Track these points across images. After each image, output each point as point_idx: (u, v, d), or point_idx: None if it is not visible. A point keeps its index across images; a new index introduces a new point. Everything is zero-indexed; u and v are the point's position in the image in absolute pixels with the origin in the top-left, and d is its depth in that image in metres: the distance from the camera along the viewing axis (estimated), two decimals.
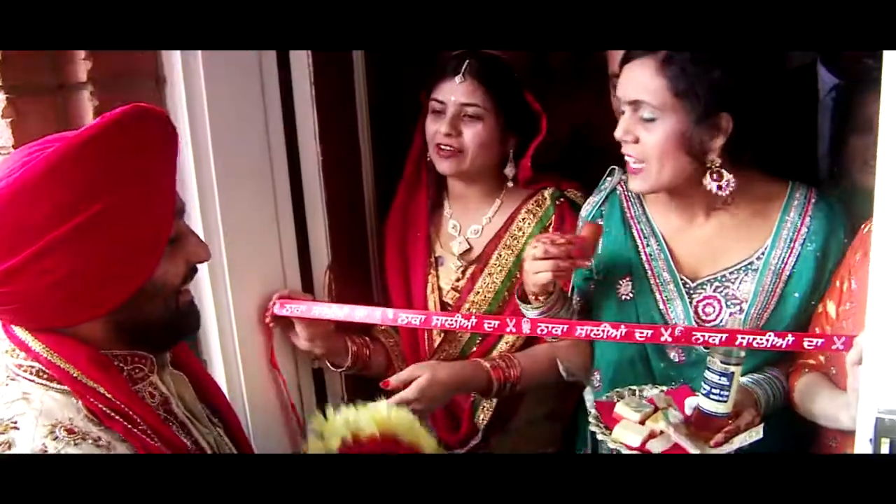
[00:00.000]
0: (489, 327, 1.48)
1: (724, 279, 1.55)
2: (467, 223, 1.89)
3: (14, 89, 1.20)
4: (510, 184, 1.84)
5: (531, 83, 1.87)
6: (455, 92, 1.74)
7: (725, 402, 1.37)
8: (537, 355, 1.78)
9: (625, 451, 1.38)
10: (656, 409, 1.45)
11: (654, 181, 1.47)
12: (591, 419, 1.46)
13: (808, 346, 1.38)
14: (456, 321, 1.48)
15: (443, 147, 1.76)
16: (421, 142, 1.86)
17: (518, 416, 1.90)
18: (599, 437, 1.41)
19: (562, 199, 1.83)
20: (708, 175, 1.44)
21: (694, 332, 1.39)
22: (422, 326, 1.73)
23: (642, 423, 1.42)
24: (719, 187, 1.45)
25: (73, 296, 0.94)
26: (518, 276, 1.78)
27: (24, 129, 1.21)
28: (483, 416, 1.85)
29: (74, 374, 0.96)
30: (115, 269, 0.94)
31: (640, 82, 1.43)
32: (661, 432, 1.38)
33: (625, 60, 1.47)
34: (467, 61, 1.74)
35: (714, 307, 1.55)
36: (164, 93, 1.43)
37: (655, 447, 1.37)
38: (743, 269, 1.54)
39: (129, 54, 1.34)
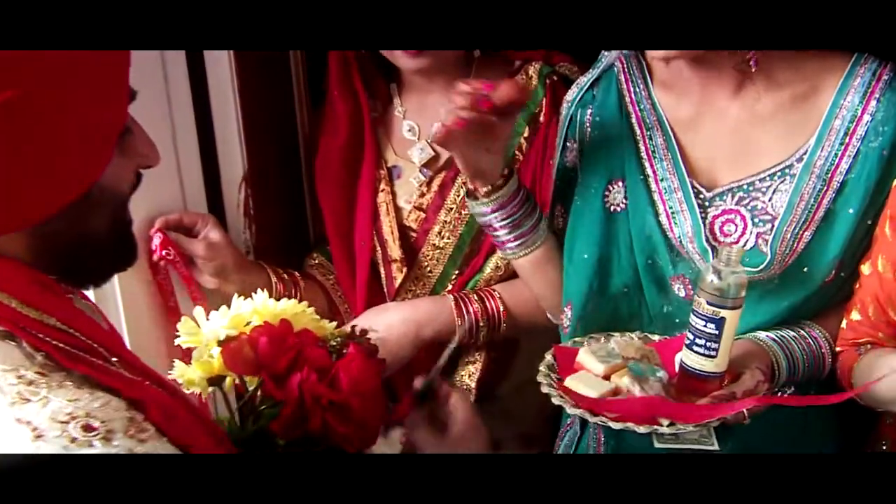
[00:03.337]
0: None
1: (751, 188, 1.23)
2: (428, 122, 1.49)
3: None
4: (477, 52, 1.47)
5: None
6: None
7: (713, 357, 1.12)
8: (521, 284, 1.44)
9: (572, 411, 1.11)
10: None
11: None
12: (541, 367, 1.20)
13: None
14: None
15: None
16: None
17: (511, 375, 1.58)
18: (544, 389, 1.16)
19: (554, 77, 1.46)
20: None
21: None
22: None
23: (607, 377, 1.16)
24: None
25: None
26: None
27: None
28: (467, 374, 1.53)
29: (12, 305, 0.77)
30: (56, 162, 0.77)
31: None
32: (628, 391, 1.13)
33: None
34: None
35: (737, 225, 1.24)
36: None
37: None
38: (779, 174, 1.22)
39: None
